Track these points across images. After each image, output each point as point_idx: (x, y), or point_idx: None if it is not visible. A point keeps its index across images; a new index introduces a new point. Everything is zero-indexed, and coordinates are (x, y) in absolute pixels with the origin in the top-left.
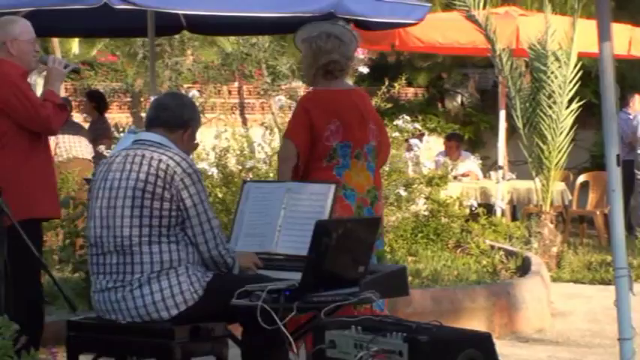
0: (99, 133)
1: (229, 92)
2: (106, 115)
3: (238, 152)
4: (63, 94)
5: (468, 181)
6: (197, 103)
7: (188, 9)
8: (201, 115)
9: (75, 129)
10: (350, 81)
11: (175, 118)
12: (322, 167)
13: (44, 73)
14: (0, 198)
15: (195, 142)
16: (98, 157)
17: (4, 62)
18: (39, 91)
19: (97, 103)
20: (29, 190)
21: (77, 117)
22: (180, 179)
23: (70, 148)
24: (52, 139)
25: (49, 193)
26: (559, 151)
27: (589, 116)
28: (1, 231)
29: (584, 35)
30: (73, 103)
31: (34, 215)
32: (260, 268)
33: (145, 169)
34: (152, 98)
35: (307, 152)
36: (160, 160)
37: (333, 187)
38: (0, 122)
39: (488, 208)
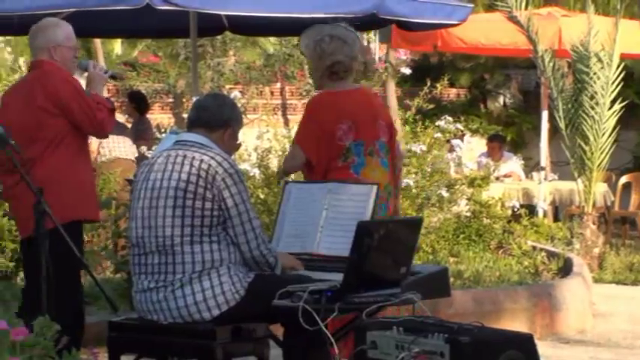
0: (139, 134)
1: (271, 93)
2: (148, 115)
3: (280, 153)
4: (105, 94)
5: (510, 182)
6: (239, 104)
7: (230, 10)
8: (243, 116)
9: (119, 129)
10: (392, 82)
11: (215, 118)
12: (339, 167)
13: (85, 74)
14: (42, 199)
15: (238, 142)
16: (140, 157)
17: (53, 64)
18: None
19: (138, 103)
20: (74, 191)
21: (120, 117)
22: (221, 179)
23: (113, 148)
24: (94, 139)
25: (92, 196)
26: (601, 152)
27: (631, 117)
28: (44, 232)
29: (627, 36)
30: (116, 104)
31: (78, 217)
32: (302, 268)
33: (186, 169)
34: (194, 99)
35: (318, 157)
36: (201, 160)
37: (375, 187)
38: (56, 122)
39: (531, 209)
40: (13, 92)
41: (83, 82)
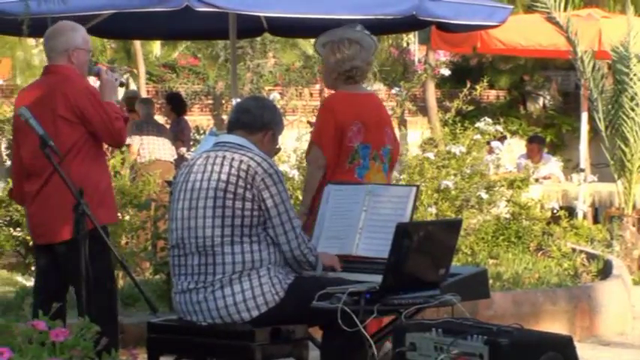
0: (177, 135)
1: (310, 94)
2: (187, 117)
3: None
4: (144, 96)
5: (549, 183)
6: (278, 106)
7: (270, 11)
8: (283, 118)
9: (159, 131)
10: (432, 83)
11: (255, 121)
12: (346, 169)
13: (125, 75)
14: (82, 200)
15: (277, 146)
16: (179, 159)
17: (70, 69)
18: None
19: (175, 105)
20: (93, 198)
21: (159, 119)
22: (261, 179)
23: (153, 150)
24: (137, 141)
25: (110, 201)
26: None
27: None
28: (84, 234)
29: None
30: (155, 106)
31: (104, 221)
32: (342, 268)
33: (226, 170)
34: (233, 101)
35: (334, 159)
36: (241, 161)
37: (414, 189)
38: (74, 131)
39: (570, 211)
40: (29, 96)
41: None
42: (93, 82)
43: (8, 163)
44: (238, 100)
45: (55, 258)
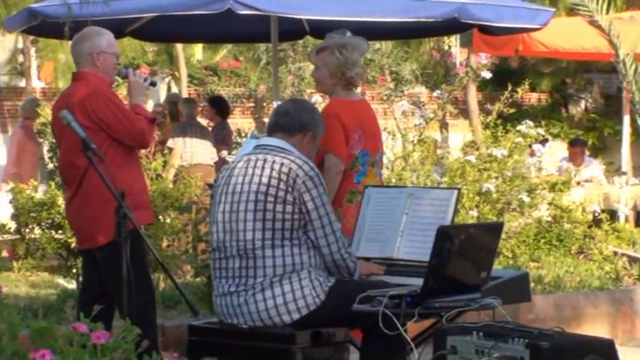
0: (219, 139)
1: None
2: (229, 120)
3: None
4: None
5: (591, 186)
6: (319, 109)
7: (311, 14)
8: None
9: (202, 133)
10: (473, 86)
11: (294, 122)
12: (345, 175)
13: (167, 78)
14: (123, 202)
15: (318, 147)
16: (221, 162)
17: (93, 76)
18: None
19: (219, 108)
20: (132, 199)
21: (201, 122)
22: (302, 182)
23: (195, 152)
24: (179, 144)
25: (148, 201)
26: None
27: None
28: (125, 235)
29: None
30: (198, 109)
31: (142, 222)
32: (383, 273)
33: (267, 173)
34: (275, 104)
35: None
36: (282, 164)
37: (455, 192)
38: (95, 137)
39: (612, 214)
40: (60, 103)
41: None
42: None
43: (50, 165)
44: (280, 103)
45: (97, 261)
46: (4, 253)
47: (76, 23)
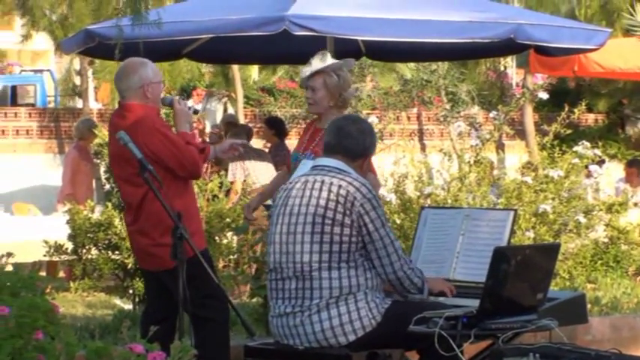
0: (278, 160)
1: (408, 118)
2: (286, 141)
3: (416, 178)
4: (242, 120)
5: None
6: (376, 130)
7: (367, 35)
8: (380, 142)
9: (260, 156)
10: (530, 107)
11: (358, 146)
12: None
13: (223, 99)
14: (180, 224)
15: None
16: None
17: (143, 107)
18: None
19: (277, 129)
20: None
21: (257, 143)
22: (360, 204)
23: (258, 176)
24: (239, 174)
25: (201, 227)
26: None
27: None
28: (182, 256)
29: None
30: (253, 130)
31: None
32: (454, 295)
33: (324, 195)
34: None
35: None
36: (339, 186)
37: (512, 213)
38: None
39: None
40: (112, 133)
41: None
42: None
43: (107, 186)
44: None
45: (161, 283)
46: (62, 274)
47: (131, 45)
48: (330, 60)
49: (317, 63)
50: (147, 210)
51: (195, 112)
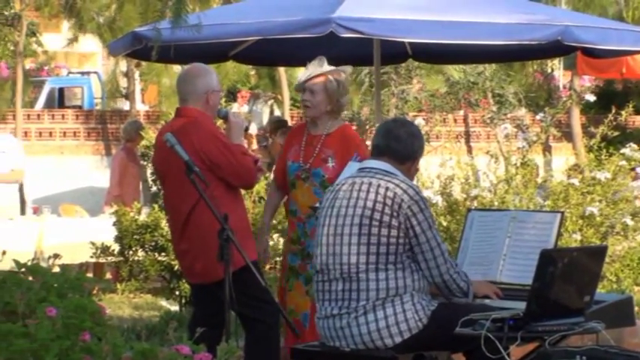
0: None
1: (454, 120)
2: None
3: (463, 181)
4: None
5: None
6: (422, 132)
7: (414, 37)
8: (427, 144)
9: None
10: (577, 109)
11: (406, 150)
12: None
13: (270, 101)
14: (227, 226)
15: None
16: None
17: (201, 114)
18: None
19: None
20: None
21: None
22: (407, 207)
23: None
24: None
25: (248, 241)
26: None
27: None
28: (227, 258)
29: None
30: None
31: (240, 264)
32: (500, 297)
33: (372, 197)
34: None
35: None
36: (387, 188)
37: (558, 216)
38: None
39: None
40: (161, 139)
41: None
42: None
43: (154, 188)
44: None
45: (210, 292)
46: (108, 275)
47: (165, 47)
48: (327, 66)
49: (315, 68)
50: (198, 219)
51: (247, 129)
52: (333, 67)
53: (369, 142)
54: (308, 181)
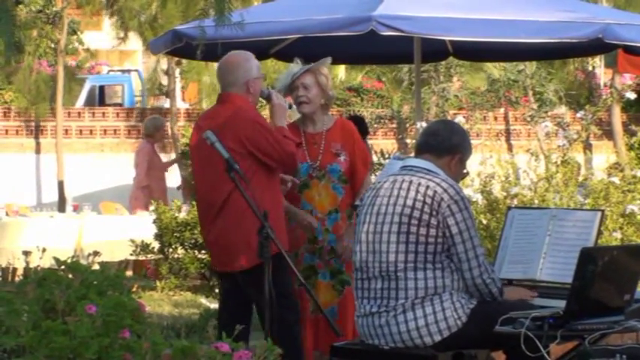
0: None
1: (495, 118)
2: (371, 141)
3: (503, 179)
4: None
5: None
6: None
7: (455, 35)
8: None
9: None
10: (617, 107)
11: (443, 143)
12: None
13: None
14: (267, 223)
15: (465, 171)
16: None
17: (242, 99)
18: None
19: (360, 127)
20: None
21: None
22: (447, 206)
23: None
24: None
25: (281, 230)
26: None
27: None
28: (267, 256)
29: None
30: None
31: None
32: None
33: (412, 195)
34: (418, 124)
35: None
36: (427, 187)
37: (599, 214)
38: (243, 162)
39: None
40: (205, 124)
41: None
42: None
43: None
44: (423, 124)
45: (237, 282)
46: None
47: (212, 45)
48: (305, 65)
49: (297, 67)
50: (230, 209)
51: (290, 106)
52: (313, 64)
53: (408, 141)
54: (324, 179)
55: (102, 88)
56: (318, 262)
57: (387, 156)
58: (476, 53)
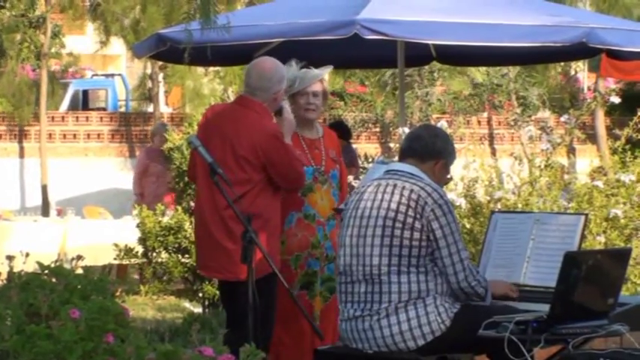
0: (346, 162)
1: (478, 123)
2: (354, 145)
3: (487, 183)
4: None
5: None
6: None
7: (438, 39)
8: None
9: None
10: (601, 111)
11: (427, 148)
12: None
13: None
14: (250, 227)
15: (449, 176)
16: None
17: (263, 109)
18: None
19: (341, 132)
20: (268, 241)
21: None
22: (431, 210)
23: None
24: None
25: (278, 244)
26: None
27: None
28: (250, 260)
29: None
30: None
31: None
32: (514, 298)
33: (396, 199)
34: (401, 129)
35: None
36: (411, 190)
37: (582, 218)
38: (252, 170)
39: None
40: (218, 121)
41: None
42: None
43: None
44: (406, 128)
45: (229, 291)
46: (136, 276)
47: (197, 49)
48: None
49: (313, 72)
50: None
51: (281, 109)
52: (321, 69)
53: (392, 145)
54: (326, 184)
55: (85, 93)
56: (320, 268)
57: (370, 160)
58: (459, 57)
